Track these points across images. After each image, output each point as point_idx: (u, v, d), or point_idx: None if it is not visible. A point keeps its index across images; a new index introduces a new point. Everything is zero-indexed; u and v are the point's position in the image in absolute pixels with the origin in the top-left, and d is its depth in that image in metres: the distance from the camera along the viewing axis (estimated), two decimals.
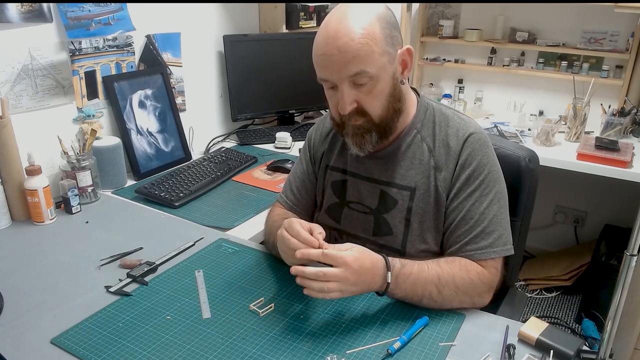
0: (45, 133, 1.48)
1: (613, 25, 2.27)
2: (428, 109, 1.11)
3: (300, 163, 1.27)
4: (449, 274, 0.99)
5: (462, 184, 1.04)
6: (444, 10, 2.64)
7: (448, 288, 0.98)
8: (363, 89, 0.97)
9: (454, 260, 1.02)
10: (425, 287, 0.98)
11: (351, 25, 0.93)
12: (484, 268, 1.02)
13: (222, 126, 2.18)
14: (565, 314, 2.41)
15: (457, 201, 1.04)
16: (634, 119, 2.21)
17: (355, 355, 0.89)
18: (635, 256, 0.76)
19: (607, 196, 2.52)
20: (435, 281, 0.98)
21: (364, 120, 1.01)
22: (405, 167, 1.09)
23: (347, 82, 0.96)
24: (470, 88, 2.66)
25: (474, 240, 1.02)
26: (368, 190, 1.13)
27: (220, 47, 2.04)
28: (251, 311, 1.01)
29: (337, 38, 0.93)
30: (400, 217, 1.10)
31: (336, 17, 0.95)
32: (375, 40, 0.94)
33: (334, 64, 0.95)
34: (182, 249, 1.24)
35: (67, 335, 0.94)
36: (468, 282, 0.99)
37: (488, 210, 1.03)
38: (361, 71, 0.94)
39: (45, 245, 1.26)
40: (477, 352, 0.90)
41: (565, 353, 0.88)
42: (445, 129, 1.07)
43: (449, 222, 1.06)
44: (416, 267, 0.98)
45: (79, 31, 1.51)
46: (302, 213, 1.25)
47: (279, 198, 1.28)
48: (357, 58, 0.93)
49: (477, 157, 1.04)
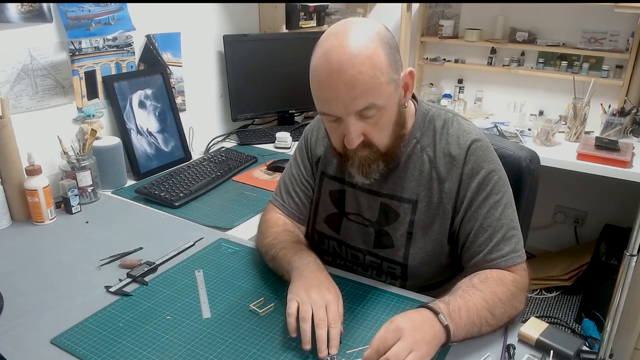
0: (45, 133, 1.48)
1: (613, 25, 2.27)
2: (427, 115, 1.06)
3: (297, 164, 1.21)
4: (491, 292, 0.92)
5: (474, 193, 1.00)
6: (444, 10, 2.64)
7: (498, 307, 0.92)
8: (370, 120, 0.91)
9: (486, 277, 0.96)
10: (479, 315, 0.90)
11: (356, 55, 0.85)
12: (515, 274, 0.97)
13: (222, 126, 2.18)
14: (565, 314, 2.41)
15: (471, 210, 1.01)
16: (634, 119, 2.21)
17: (355, 355, 0.89)
18: (635, 256, 0.76)
19: (607, 196, 2.52)
20: (484, 305, 0.90)
21: (370, 152, 0.96)
22: (406, 179, 1.05)
23: (354, 116, 0.90)
24: (470, 88, 2.66)
25: (497, 248, 0.98)
26: (368, 203, 1.10)
27: (220, 47, 2.04)
28: (251, 311, 1.01)
29: (342, 71, 0.85)
30: (403, 230, 1.07)
31: (338, 45, 0.86)
32: (382, 70, 0.87)
33: (339, 99, 0.88)
34: (182, 249, 1.24)
35: (67, 335, 0.94)
36: (509, 293, 0.94)
37: (504, 216, 0.99)
38: (370, 105, 0.88)
39: (45, 245, 1.26)
40: (477, 352, 0.90)
41: (565, 353, 0.88)
42: (446, 137, 1.03)
43: (466, 233, 1.02)
44: (459, 299, 0.90)
45: (79, 31, 1.51)
46: (302, 219, 1.20)
47: (274, 201, 1.21)
48: (366, 92, 0.87)
49: (484, 163, 1.01)
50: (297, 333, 0.89)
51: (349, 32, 0.87)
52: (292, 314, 0.90)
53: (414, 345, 0.80)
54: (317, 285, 0.94)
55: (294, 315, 0.90)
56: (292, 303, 0.91)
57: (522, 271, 0.99)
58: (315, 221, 1.20)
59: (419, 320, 0.84)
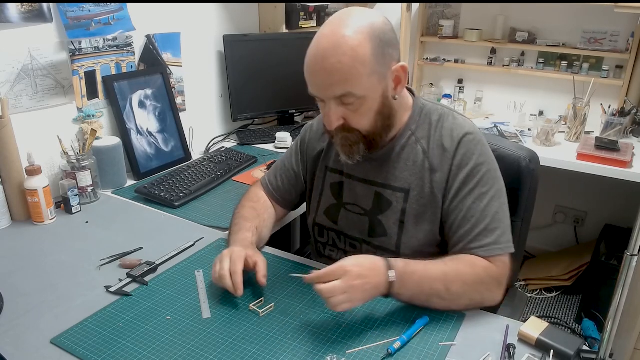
0: (45, 133, 1.48)
1: (613, 25, 2.27)
2: (424, 109, 1.10)
3: (290, 154, 1.29)
4: (455, 270, 0.98)
5: (461, 183, 1.04)
6: (444, 10, 2.64)
7: (455, 284, 0.97)
8: (350, 107, 0.97)
9: (459, 257, 1.01)
10: (432, 285, 0.97)
11: (340, 44, 0.91)
12: (492, 263, 1.00)
13: (222, 126, 2.18)
14: (565, 314, 2.41)
15: (457, 200, 1.04)
16: (634, 119, 2.21)
17: (355, 355, 0.89)
18: (635, 256, 0.76)
19: (607, 196, 2.52)
20: (441, 278, 0.97)
21: (351, 134, 1.02)
22: (399, 168, 1.09)
23: (334, 100, 0.97)
24: (470, 88, 2.66)
25: (477, 239, 1.01)
26: (363, 192, 1.14)
27: (220, 47, 2.04)
28: (251, 311, 1.01)
29: (325, 58, 0.92)
30: (395, 219, 1.10)
31: (328, 33, 0.93)
32: (364, 62, 0.92)
33: (321, 83, 0.95)
34: (182, 249, 1.24)
35: (67, 335, 0.94)
36: (475, 277, 0.98)
37: (489, 208, 1.02)
38: (347, 93, 0.94)
39: (45, 245, 1.26)
40: (477, 352, 0.90)
41: (566, 353, 0.88)
42: (440, 130, 1.07)
43: (451, 222, 1.05)
44: (421, 265, 0.98)
45: (79, 31, 1.51)
46: (280, 200, 1.29)
47: (262, 180, 1.33)
48: (343, 80, 0.93)
49: (473, 156, 1.03)
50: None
51: (343, 22, 0.93)
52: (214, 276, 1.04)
53: (350, 288, 0.90)
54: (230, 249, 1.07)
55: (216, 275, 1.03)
56: (215, 267, 1.05)
57: (501, 263, 1.01)
58: (317, 214, 1.23)
59: (367, 267, 0.93)
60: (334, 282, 0.90)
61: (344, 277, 0.90)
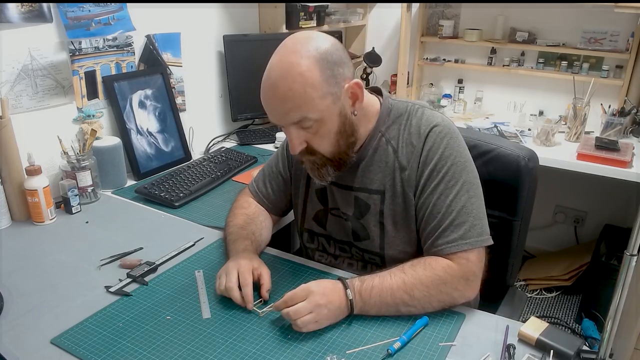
0: (45, 133, 1.48)
1: (613, 25, 2.27)
2: (392, 109, 1.09)
3: (276, 158, 1.28)
4: (413, 275, 0.97)
5: (426, 180, 1.03)
6: (444, 10, 2.64)
7: (417, 290, 0.96)
8: (310, 130, 0.99)
9: (418, 261, 1.00)
10: (395, 295, 0.96)
11: (289, 71, 0.93)
12: (452, 261, 0.99)
13: (222, 126, 2.18)
14: (565, 314, 2.41)
15: (423, 197, 1.04)
16: (634, 119, 2.21)
17: (355, 355, 0.89)
18: (635, 256, 0.76)
19: (607, 196, 2.52)
20: (401, 286, 0.96)
21: (316, 157, 1.03)
22: (373, 171, 1.09)
23: (293, 126, 0.98)
24: (470, 88, 2.66)
25: (443, 235, 1.00)
26: (343, 198, 1.14)
27: (220, 47, 2.04)
28: (251, 311, 1.01)
29: (276, 87, 0.94)
30: (375, 221, 1.10)
31: (277, 61, 0.95)
32: (314, 86, 0.93)
33: (276, 111, 0.97)
34: (182, 249, 1.24)
35: (67, 335, 0.94)
36: (435, 278, 0.97)
37: (455, 202, 1.01)
38: (303, 118, 0.96)
39: (45, 245, 1.26)
40: (477, 352, 0.90)
41: (565, 353, 0.88)
42: (409, 128, 1.06)
43: (419, 220, 1.05)
44: (377, 279, 0.98)
45: (79, 31, 1.51)
46: (271, 208, 1.28)
47: (250, 186, 1.31)
48: (297, 107, 0.94)
49: (438, 150, 1.03)
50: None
51: (289, 49, 0.95)
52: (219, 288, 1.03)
53: (316, 307, 0.92)
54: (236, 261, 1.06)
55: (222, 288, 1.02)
56: (220, 279, 1.04)
57: (463, 259, 0.99)
58: (304, 219, 1.23)
59: (329, 289, 0.95)
60: (300, 303, 0.92)
61: (309, 297, 0.92)
